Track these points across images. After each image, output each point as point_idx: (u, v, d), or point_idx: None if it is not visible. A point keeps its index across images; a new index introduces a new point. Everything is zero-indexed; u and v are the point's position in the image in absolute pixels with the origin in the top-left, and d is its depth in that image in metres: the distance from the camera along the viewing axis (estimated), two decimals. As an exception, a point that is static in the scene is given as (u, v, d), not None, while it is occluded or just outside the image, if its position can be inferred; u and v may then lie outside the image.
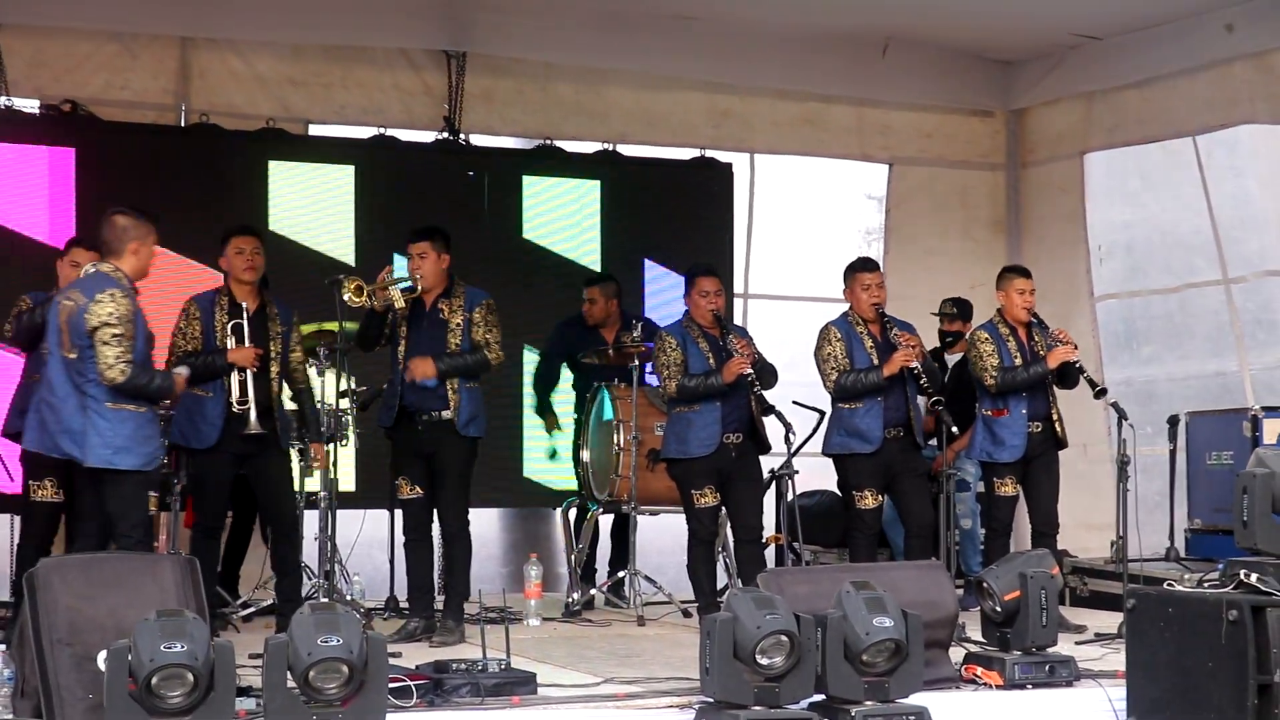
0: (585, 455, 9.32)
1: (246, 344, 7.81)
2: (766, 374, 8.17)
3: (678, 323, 8.40)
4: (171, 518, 8.25)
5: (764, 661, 5.90)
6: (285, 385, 8.05)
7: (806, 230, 14.04)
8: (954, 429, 8.21)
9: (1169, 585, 6.55)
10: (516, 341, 9.78)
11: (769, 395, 8.08)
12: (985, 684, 6.59)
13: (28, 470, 7.70)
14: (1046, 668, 6.61)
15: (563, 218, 10.50)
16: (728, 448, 8.20)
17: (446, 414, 7.86)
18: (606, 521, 9.71)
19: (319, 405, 8.16)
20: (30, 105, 9.43)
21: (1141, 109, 10.53)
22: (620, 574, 9.22)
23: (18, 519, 7.99)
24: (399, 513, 8.33)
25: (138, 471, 6.67)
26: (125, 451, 6.63)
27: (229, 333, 7.83)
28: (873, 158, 11.39)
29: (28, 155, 9.30)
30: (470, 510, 8.11)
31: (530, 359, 10.15)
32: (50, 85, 9.41)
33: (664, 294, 10.42)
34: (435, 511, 8.02)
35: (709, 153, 10.86)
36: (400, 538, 8.24)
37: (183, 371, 7.19)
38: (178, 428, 7.94)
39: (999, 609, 6.73)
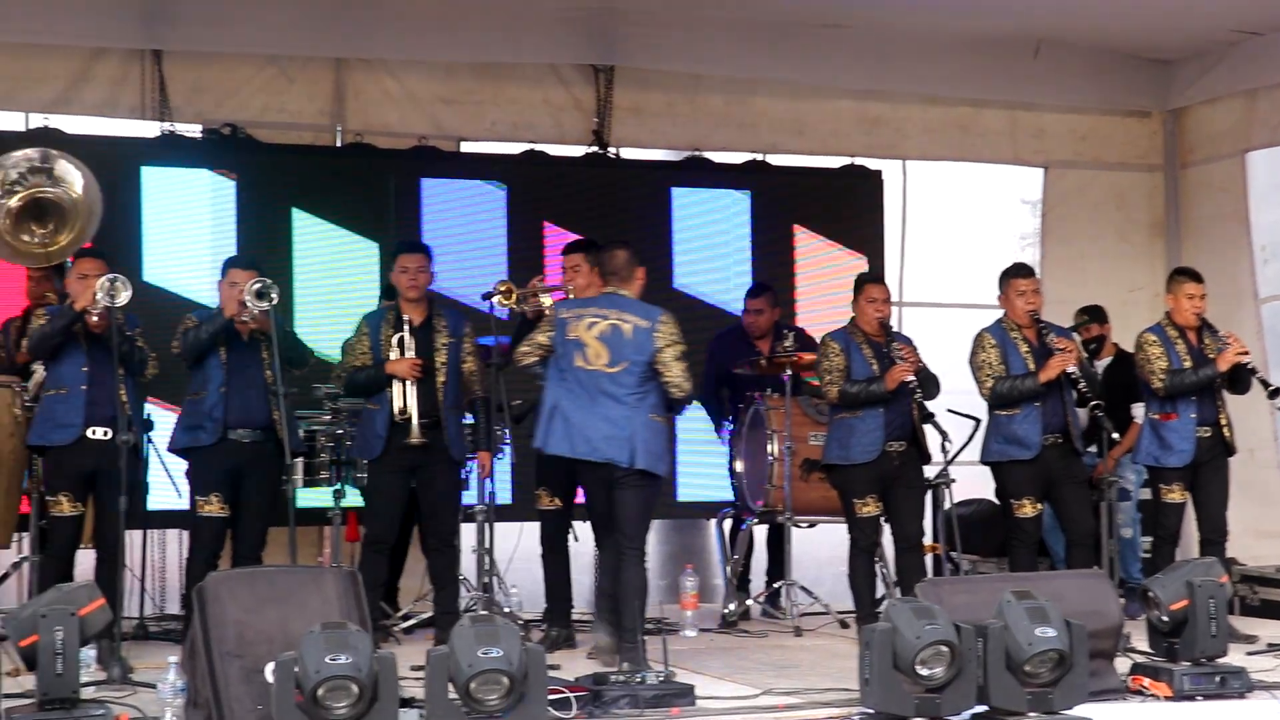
0: (739, 466, 9.31)
1: (409, 355, 7.93)
2: (929, 384, 8.14)
3: (842, 329, 8.38)
4: (334, 531, 8.41)
5: (924, 672, 5.85)
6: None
7: (960, 236, 13.90)
8: (1114, 434, 8.09)
9: (1343, 593, 6.38)
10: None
11: (931, 405, 8.03)
12: (1153, 695, 6.46)
13: (194, 486, 7.86)
14: (1217, 679, 6.46)
15: (712, 229, 10.49)
16: (890, 455, 8.15)
17: None
18: (761, 532, 9.68)
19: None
20: (192, 130, 9.65)
21: (1306, 105, 10.28)
22: (776, 585, 9.19)
23: (186, 534, 8.18)
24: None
25: (659, 480, 7.31)
26: (660, 460, 7.31)
27: (393, 345, 7.96)
28: (1027, 162, 11.25)
29: (190, 178, 9.52)
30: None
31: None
32: (211, 110, 9.63)
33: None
34: (572, 524, 8.20)
35: (859, 160, 10.80)
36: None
37: None
38: (356, 442, 8.11)
39: (1166, 618, 6.60)
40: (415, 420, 7.86)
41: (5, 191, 7.62)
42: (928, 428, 8.17)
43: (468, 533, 8.33)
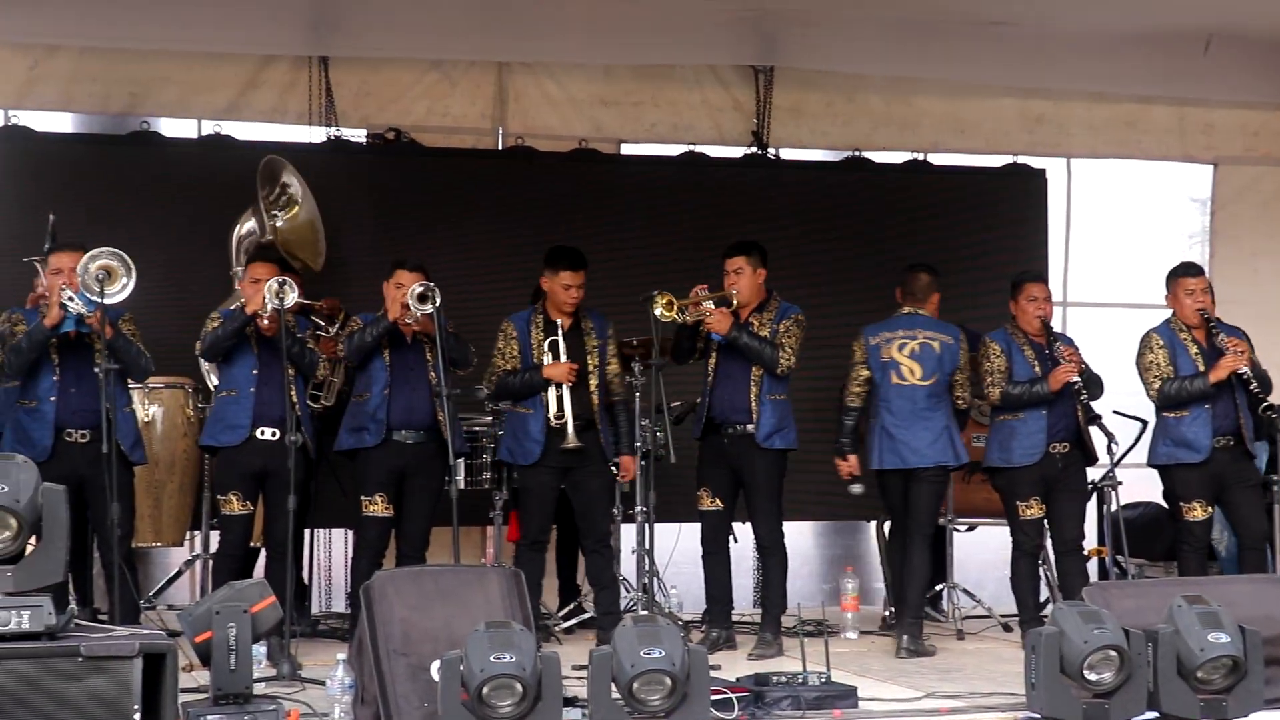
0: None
1: (563, 359, 7.98)
2: (1092, 384, 8.02)
3: (1002, 329, 8.29)
4: (496, 531, 8.49)
5: (1092, 677, 5.77)
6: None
7: (1126, 235, 13.66)
8: (1289, 438, 7.90)
9: None
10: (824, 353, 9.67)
11: (1097, 406, 7.93)
12: (1331, 704, 6.29)
13: (360, 487, 7.97)
14: (1399, 688, 6.27)
15: (869, 228, 10.42)
16: (1054, 457, 8.03)
17: (749, 427, 7.92)
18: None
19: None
20: (358, 135, 9.81)
21: None
22: (938, 587, 9.10)
23: (351, 533, 8.31)
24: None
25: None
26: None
27: (545, 349, 8.00)
28: (1195, 158, 11.03)
29: (356, 182, 9.68)
30: (785, 523, 8.16)
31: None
32: (376, 115, 9.79)
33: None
34: (732, 524, 8.22)
35: (1022, 159, 10.67)
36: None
37: None
38: (505, 446, 8.15)
39: (1344, 626, 6.41)
40: (571, 424, 7.91)
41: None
42: (1094, 429, 8.04)
43: (628, 533, 8.37)
